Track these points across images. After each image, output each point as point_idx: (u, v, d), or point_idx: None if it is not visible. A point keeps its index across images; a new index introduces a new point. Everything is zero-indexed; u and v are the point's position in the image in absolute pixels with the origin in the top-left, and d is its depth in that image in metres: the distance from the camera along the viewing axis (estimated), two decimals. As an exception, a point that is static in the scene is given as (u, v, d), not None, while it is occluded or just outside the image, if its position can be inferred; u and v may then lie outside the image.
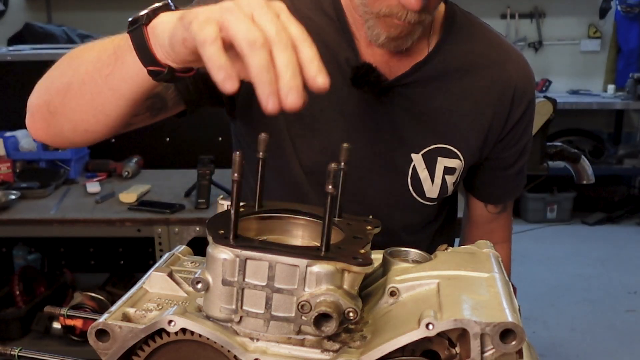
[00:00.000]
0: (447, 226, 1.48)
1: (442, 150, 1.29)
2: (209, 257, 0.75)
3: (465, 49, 1.29)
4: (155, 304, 0.82)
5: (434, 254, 0.88)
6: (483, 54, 1.30)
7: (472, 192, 1.47)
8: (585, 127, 6.16)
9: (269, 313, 0.74)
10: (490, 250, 0.89)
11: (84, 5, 6.20)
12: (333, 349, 0.74)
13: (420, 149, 1.28)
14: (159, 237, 2.65)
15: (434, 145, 1.29)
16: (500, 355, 0.70)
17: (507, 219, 1.52)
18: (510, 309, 0.71)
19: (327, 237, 0.74)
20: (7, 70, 3.48)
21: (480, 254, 0.87)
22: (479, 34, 1.32)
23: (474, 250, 0.89)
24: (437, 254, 0.88)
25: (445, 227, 1.47)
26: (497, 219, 1.50)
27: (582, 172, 2.76)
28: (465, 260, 0.84)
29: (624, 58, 6.20)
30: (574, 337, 3.93)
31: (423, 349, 0.73)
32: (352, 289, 0.73)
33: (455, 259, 0.84)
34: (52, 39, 4.74)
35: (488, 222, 1.50)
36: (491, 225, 1.50)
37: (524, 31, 6.33)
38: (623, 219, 5.95)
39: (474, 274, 0.80)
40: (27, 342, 2.98)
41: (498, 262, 0.85)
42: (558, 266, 4.94)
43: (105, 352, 0.76)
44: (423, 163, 1.29)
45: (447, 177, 1.31)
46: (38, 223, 2.72)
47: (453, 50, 1.28)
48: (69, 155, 3.22)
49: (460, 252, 0.89)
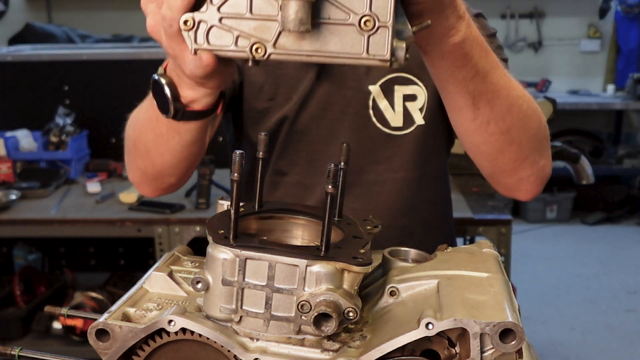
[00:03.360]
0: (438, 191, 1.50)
1: (398, 79, 1.38)
2: (209, 257, 0.75)
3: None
4: (155, 303, 0.82)
5: (434, 254, 0.88)
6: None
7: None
8: (585, 127, 6.16)
9: (268, 313, 0.74)
10: (490, 250, 0.89)
11: (84, 5, 6.20)
12: (333, 348, 0.74)
13: (376, 80, 1.37)
14: (159, 237, 2.66)
15: (387, 75, 1.37)
16: (499, 355, 0.70)
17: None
18: (510, 309, 0.71)
19: (327, 237, 0.74)
20: (8, 70, 3.48)
21: (480, 254, 0.87)
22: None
23: (474, 250, 0.89)
24: (437, 254, 0.88)
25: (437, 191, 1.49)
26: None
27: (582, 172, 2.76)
28: (465, 260, 0.84)
29: (623, 58, 6.19)
30: (574, 337, 3.93)
31: (423, 348, 0.73)
32: (352, 289, 0.74)
33: (455, 258, 0.85)
34: (52, 39, 4.74)
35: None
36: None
37: (523, 31, 6.33)
38: (623, 219, 5.95)
39: (474, 273, 0.80)
40: (27, 342, 2.98)
41: (498, 262, 0.85)
42: (558, 266, 4.93)
43: (105, 351, 0.76)
44: (381, 93, 1.38)
45: (409, 103, 1.38)
46: (38, 223, 2.72)
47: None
48: (70, 155, 3.22)
49: (460, 252, 0.89)
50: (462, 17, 0.92)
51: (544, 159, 1.17)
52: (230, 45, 0.72)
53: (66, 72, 3.48)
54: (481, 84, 1.00)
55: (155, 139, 1.10)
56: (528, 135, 1.11)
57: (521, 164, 1.14)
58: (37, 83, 3.49)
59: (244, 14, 0.71)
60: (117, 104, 3.35)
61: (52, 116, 3.34)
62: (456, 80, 0.99)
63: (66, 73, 3.48)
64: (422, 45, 0.93)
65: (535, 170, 1.16)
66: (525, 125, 1.09)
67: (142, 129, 1.13)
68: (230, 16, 0.71)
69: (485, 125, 1.05)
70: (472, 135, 1.09)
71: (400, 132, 1.39)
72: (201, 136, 1.09)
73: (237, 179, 0.74)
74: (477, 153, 1.14)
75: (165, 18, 0.77)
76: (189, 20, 0.73)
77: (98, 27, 5.54)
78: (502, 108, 1.04)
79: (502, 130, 1.07)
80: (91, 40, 4.85)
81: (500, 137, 1.08)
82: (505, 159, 1.13)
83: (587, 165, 2.75)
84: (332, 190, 0.72)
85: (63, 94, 3.47)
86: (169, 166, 1.15)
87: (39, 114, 3.43)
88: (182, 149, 1.10)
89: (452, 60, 0.96)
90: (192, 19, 0.73)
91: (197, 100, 0.96)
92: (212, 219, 0.81)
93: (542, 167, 1.17)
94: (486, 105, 1.02)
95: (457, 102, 1.04)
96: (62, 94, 3.47)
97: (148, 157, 1.15)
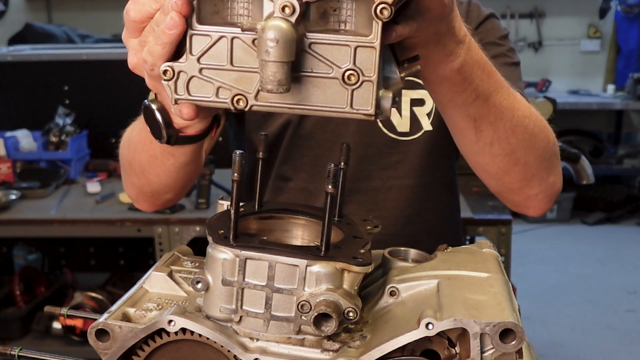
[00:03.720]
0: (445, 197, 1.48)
1: (406, 82, 1.33)
2: (209, 257, 0.75)
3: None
4: (155, 303, 0.82)
5: (434, 254, 0.88)
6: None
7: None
8: (585, 127, 6.16)
9: (268, 313, 0.74)
10: (490, 250, 0.89)
11: (84, 5, 6.20)
12: (333, 348, 0.74)
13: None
14: (159, 237, 2.66)
15: None
16: (499, 355, 0.70)
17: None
18: (510, 309, 0.71)
19: (327, 237, 0.74)
20: (8, 70, 3.48)
21: (480, 254, 0.87)
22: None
23: (474, 250, 0.89)
24: (437, 254, 0.88)
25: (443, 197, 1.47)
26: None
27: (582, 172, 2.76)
28: (465, 260, 0.84)
29: (623, 58, 6.19)
30: (574, 337, 3.93)
31: (423, 348, 0.73)
32: (352, 289, 0.74)
33: (455, 258, 0.85)
34: (52, 39, 4.73)
35: None
36: None
37: (523, 31, 6.33)
38: (623, 219, 5.95)
39: (474, 273, 0.80)
40: (27, 342, 2.98)
41: (498, 262, 0.85)
42: (558, 266, 4.93)
43: (105, 351, 0.76)
44: None
45: (416, 108, 1.34)
46: (38, 223, 2.73)
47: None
48: (70, 155, 3.22)
49: (460, 252, 0.89)
50: (462, 41, 0.88)
51: (553, 175, 1.13)
52: (211, 96, 0.71)
53: (66, 72, 3.48)
54: (483, 107, 0.96)
55: (150, 160, 1.08)
56: (535, 154, 1.07)
57: (528, 183, 1.10)
58: (37, 83, 3.49)
59: (225, 65, 0.69)
60: (117, 104, 3.37)
61: (52, 116, 3.34)
62: (456, 104, 0.96)
63: (66, 73, 3.48)
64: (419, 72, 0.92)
65: (543, 187, 1.13)
66: (531, 145, 1.06)
67: (137, 150, 1.11)
68: (210, 67, 0.70)
69: (489, 147, 1.02)
70: (476, 156, 1.06)
71: (407, 138, 1.36)
72: (196, 157, 1.07)
73: (237, 179, 0.74)
74: (482, 172, 1.11)
75: (147, 62, 0.75)
76: (168, 70, 0.71)
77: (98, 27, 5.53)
78: (505, 129, 1.00)
79: (507, 152, 1.03)
80: (91, 40, 4.84)
81: (504, 158, 1.04)
82: (512, 179, 1.09)
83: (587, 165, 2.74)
84: (331, 190, 0.72)
85: (63, 94, 3.48)
86: (165, 185, 1.14)
87: (39, 114, 3.43)
88: (178, 169, 1.08)
89: (451, 86, 0.92)
90: (171, 69, 0.71)
91: (190, 126, 0.94)
92: (212, 219, 0.81)
93: (551, 184, 1.14)
94: (489, 127, 0.99)
95: (459, 125, 1.01)
96: (62, 94, 3.47)
97: (144, 176, 1.14)
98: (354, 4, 0.68)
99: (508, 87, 1.01)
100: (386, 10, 0.64)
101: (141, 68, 0.79)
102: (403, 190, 1.38)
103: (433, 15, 0.78)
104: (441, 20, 0.81)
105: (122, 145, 1.20)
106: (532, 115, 1.06)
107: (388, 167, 1.37)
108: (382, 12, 0.64)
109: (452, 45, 0.87)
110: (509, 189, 1.13)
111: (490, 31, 1.35)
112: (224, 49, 0.69)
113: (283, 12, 0.64)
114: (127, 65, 0.83)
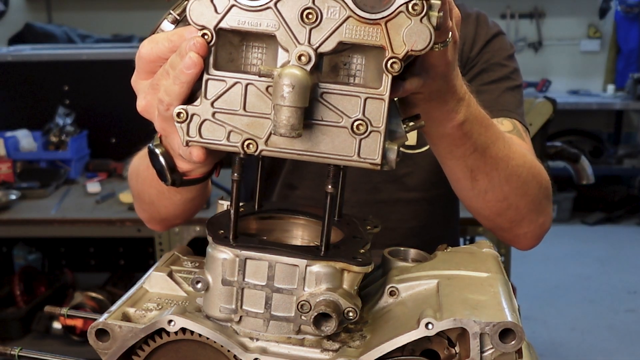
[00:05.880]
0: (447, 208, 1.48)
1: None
2: (209, 257, 0.75)
3: None
4: (155, 303, 0.82)
5: (434, 254, 0.88)
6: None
7: None
8: (585, 127, 6.16)
9: (268, 313, 0.74)
10: (490, 250, 0.89)
11: (84, 5, 6.20)
12: (333, 348, 0.74)
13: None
14: (159, 237, 2.65)
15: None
16: (499, 354, 0.70)
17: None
18: (510, 309, 0.71)
19: (327, 237, 0.74)
20: (8, 71, 3.48)
21: (480, 254, 0.87)
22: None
23: (473, 250, 0.89)
24: (436, 254, 0.88)
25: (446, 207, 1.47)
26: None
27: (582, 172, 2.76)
28: (465, 260, 0.84)
29: (623, 58, 6.19)
30: (574, 337, 3.93)
31: (422, 348, 0.73)
32: (352, 289, 0.74)
33: (455, 258, 0.85)
34: (52, 39, 4.73)
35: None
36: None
37: (523, 31, 6.32)
38: (623, 219, 5.95)
39: (474, 273, 0.80)
40: (27, 342, 2.98)
41: (498, 262, 0.85)
42: (558, 266, 4.93)
43: (105, 351, 0.76)
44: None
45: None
46: (38, 223, 2.73)
47: None
48: (70, 155, 3.22)
49: (460, 252, 0.89)
50: (462, 98, 0.91)
51: (543, 216, 1.17)
52: (222, 139, 0.72)
53: (66, 72, 3.48)
54: (480, 159, 1.00)
55: (158, 195, 1.10)
56: (526, 200, 1.11)
57: (519, 224, 1.15)
58: (37, 83, 3.49)
59: (238, 110, 0.71)
60: (117, 104, 3.37)
61: (52, 116, 3.34)
62: (454, 157, 0.99)
63: (66, 73, 3.48)
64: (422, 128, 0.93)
65: (532, 227, 1.17)
66: (524, 192, 1.10)
67: (145, 184, 1.13)
68: (223, 111, 0.71)
69: (483, 194, 1.06)
70: (470, 201, 1.10)
71: (414, 151, 1.37)
72: (203, 191, 1.09)
73: (237, 179, 0.74)
74: (475, 214, 1.15)
75: (163, 102, 0.76)
76: (182, 112, 0.72)
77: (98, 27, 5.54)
78: (500, 179, 1.04)
79: (500, 199, 1.07)
80: (91, 40, 4.85)
81: (497, 204, 1.08)
82: (503, 221, 1.13)
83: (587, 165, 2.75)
84: (331, 190, 0.72)
85: (63, 94, 3.47)
86: (174, 215, 1.17)
87: (39, 114, 3.43)
88: (185, 203, 1.11)
89: (451, 140, 0.95)
90: (185, 112, 0.72)
91: (193, 171, 0.94)
92: (212, 219, 0.81)
93: (540, 224, 1.18)
94: (484, 177, 1.03)
95: (455, 174, 1.04)
96: (62, 94, 3.47)
97: (153, 207, 1.16)
98: (364, 59, 0.70)
99: (504, 137, 1.05)
100: (396, 64, 0.67)
101: (151, 110, 0.80)
102: (410, 203, 1.39)
103: (437, 72, 0.81)
104: (444, 78, 0.84)
105: (131, 175, 1.23)
106: (527, 164, 1.10)
107: (395, 180, 1.38)
108: (392, 66, 0.67)
109: (453, 102, 0.89)
110: (500, 227, 1.17)
111: (498, 51, 1.36)
112: (238, 95, 0.70)
113: (299, 61, 0.67)
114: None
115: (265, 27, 0.68)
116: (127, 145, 3.49)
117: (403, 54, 0.66)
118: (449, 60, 0.82)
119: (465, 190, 1.07)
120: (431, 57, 0.78)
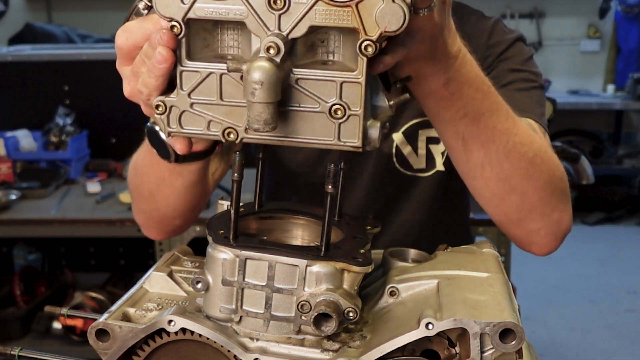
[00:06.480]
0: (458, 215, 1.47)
1: (422, 123, 1.31)
2: (209, 257, 0.75)
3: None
4: (155, 303, 0.82)
5: (434, 254, 0.88)
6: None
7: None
8: (585, 127, 6.16)
9: (268, 313, 0.74)
10: (490, 250, 0.89)
11: (84, 5, 6.20)
12: (333, 348, 0.74)
13: (400, 127, 1.31)
14: (159, 237, 2.65)
15: (412, 121, 1.31)
16: (499, 354, 0.70)
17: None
18: (510, 309, 0.71)
19: (327, 237, 0.74)
20: (8, 71, 3.48)
21: (480, 254, 0.87)
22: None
23: (473, 250, 0.89)
24: (436, 254, 0.88)
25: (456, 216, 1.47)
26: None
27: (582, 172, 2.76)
28: (465, 260, 0.84)
29: (623, 58, 6.19)
30: (574, 337, 3.93)
31: (423, 348, 0.73)
32: (352, 289, 0.74)
33: (455, 258, 0.85)
34: (52, 39, 4.73)
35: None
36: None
37: (523, 31, 6.24)
38: (623, 219, 5.95)
39: (474, 273, 0.80)
40: (27, 342, 2.98)
41: (498, 262, 0.85)
42: (558, 266, 4.93)
43: (105, 351, 0.76)
44: (405, 140, 1.32)
45: (432, 146, 1.32)
46: (38, 223, 2.73)
47: None
48: (70, 155, 3.22)
49: (460, 252, 0.89)
50: (455, 56, 0.87)
51: (558, 212, 1.09)
52: (203, 129, 0.72)
53: (66, 72, 3.48)
54: (473, 127, 0.95)
55: (159, 183, 1.09)
56: (534, 185, 1.04)
57: (528, 215, 1.07)
58: (37, 83, 3.49)
59: (215, 100, 0.70)
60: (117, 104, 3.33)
61: (52, 116, 3.34)
62: (442, 120, 0.95)
63: (66, 73, 3.48)
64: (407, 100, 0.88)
65: (546, 223, 1.08)
66: (529, 175, 1.02)
67: (144, 174, 1.12)
68: (201, 102, 0.71)
69: (480, 169, 1.00)
70: (468, 177, 1.05)
71: (420, 174, 1.35)
72: (203, 176, 1.08)
73: (237, 179, 0.74)
74: (478, 196, 1.08)
75: (142, 93, 0.76)
76: (160, 105, 0.72)
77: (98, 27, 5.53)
78: (498, 154, 0.98)
79: (500, 177, 1.01)
80: (91, 40, 4.85)
81: (498, 183, 1.02)
82: (508, 208, 1.06)
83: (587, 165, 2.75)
84: (331, 190, 0.72)
85: (63, 94, 3.47)
86: (174, 209, 1.15)
87: (39, 114, 3.43)
88: (186, 190, 1.09)
89: (437, 100, 0.91)
90: (163, 104, 0.72)
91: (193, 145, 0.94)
92: (212, 219, 0.81)
93: (556, 221, 1.09)
94: (480, 149, 0.97)
95: (448, 142, 1.00)
96: (62, 94, 3.47)
97: (152, 201, 1.14)
98: (342, 36, 0.69)
99: (508, 111, 0.99)
100: (370, 47, 0.65)
101: (136, 96, 0.80)
102: (415, 225, 1.37)
103: (424, 36, 0.78)
104: (432, 39, 0.80)
105: (130, 172, 1.21)
106: (534, 145, 1.03)
107: (400, 202, 1.36)
108: (366, 49, 0.65)
109: (443, 61, 0.85)
110: (509, 219, 1.09)
111: (515, 57, 1.31)
112: (213, 85, 0.70)
113: (268, 53, 0.65)
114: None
115: (233, 16, 0.66)
116: (127, 145, 3.49)
117: (377, 35, 0.64)
118: (435, 22, 0.78)
119: (461, 163, 1.01)
120: (416, 21, 0.74)
